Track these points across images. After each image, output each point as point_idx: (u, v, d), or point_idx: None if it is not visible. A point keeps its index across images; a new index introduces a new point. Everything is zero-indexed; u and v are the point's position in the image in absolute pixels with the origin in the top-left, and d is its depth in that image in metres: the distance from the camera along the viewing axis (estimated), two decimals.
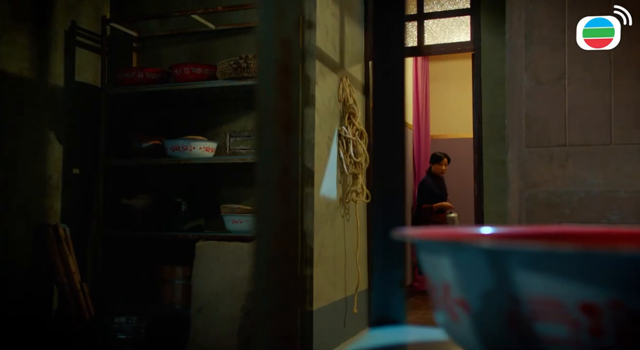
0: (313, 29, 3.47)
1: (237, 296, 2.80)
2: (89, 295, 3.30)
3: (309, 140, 3.44)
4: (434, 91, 6.77)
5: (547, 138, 1.90)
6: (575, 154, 1.80)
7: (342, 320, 3.85)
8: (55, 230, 3.26)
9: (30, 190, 3.23)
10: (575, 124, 1.80)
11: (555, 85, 1.85)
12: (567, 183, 1.82)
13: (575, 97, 1.82)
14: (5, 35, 3.06)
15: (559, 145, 1.85)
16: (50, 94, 3.37)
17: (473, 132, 4.31)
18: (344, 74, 3.97)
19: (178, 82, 3.39)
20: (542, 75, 1.89)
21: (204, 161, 3.35)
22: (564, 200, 1.83)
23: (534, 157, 1.90)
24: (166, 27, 3.80)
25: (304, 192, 3.42)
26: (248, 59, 3.16)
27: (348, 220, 4.01)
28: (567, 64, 1.86)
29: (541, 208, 1.90)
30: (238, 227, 3.20)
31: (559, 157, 1.85)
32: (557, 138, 1.86)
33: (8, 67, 3.08)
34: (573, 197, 1.80)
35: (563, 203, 1.83)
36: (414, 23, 4.40)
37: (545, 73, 1.87)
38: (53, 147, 3.38)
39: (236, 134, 3.60)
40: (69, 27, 3.51)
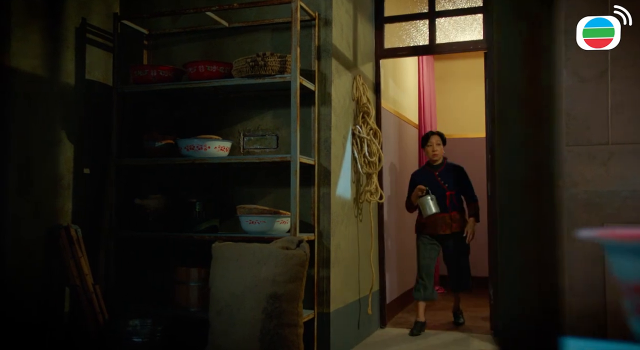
0: (329, 26, 3.43)
1: (258, 298, 2.74)
2: (102, 298, 3.23)
3: (326, 139, 3.40)
4: (440, 91, 6.73)
5: (588, 136, 1.86)
6: (619, 152, 1.76)
7: (356, 322, 3.81)
8: (67, 232, 3.19)
9: (42, 190, 3.15)
10: (619, 122, 1.76)
11: (597, 83, 1.81)
12: (610, 182, 1.78)
13: (619, 94, 1.78)
14: (18, 32, 2.99)
15: (600, 144, 1.81)
16: (61, 92, 3.30)
17: (486, 132, 4.28)
18: (357, 73, 3.92)
19: (193, 80, 3.33)
20: (582, 72, 1.85)
21: (219, 161, 3.29)
22: (606, 200, 1.79)
23: (573, 156, 1.86)
24: (178, 25, 3.74)
25: (320, 192, 3.37)
26: (265, 56, 3.10)
27: (361, 221, 3.96)
28: (610, 60, 1.83)
29: (581, 208, 1.86)
30: (255, 227, 3.15)
31: (601, 156, 1.81)
32: (599, 136, 1.82)
33: (20, 64, 3.01)
34: (617, 196, 1.76)
35: (606, 203, 1.79)
36: (425, 21, 4.36)
37: (587, 70, 1.83)
38: (64, 147, 3.31)
39: (250, 133, 3.54)
40: (80, 24, 3.44)
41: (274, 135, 3.47)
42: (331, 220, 3.35)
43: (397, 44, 4.54)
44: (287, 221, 3.20)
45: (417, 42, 4.55)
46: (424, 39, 4.42)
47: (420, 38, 4.53)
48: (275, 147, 3.47)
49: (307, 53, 3.40)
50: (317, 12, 3.43)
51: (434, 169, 4.35)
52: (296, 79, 3.11)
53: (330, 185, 3.38)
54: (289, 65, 3.17)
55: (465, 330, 4.35)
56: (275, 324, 2.72)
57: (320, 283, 3.32)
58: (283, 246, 2.88)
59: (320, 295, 3.31)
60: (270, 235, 3.13)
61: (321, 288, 3.32)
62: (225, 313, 2.76)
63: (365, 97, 3.89)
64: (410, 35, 4.58)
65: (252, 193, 3.51)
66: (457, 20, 4.60)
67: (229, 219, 3.49)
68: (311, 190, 3.35)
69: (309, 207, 3.34)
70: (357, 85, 3.86)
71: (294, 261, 2.82)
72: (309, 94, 3.33)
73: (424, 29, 4.44)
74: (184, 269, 3.29)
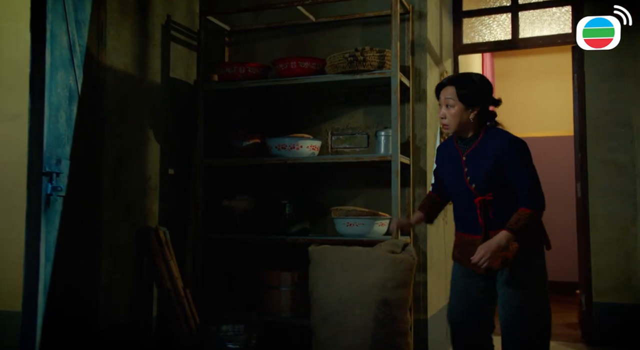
0: (424, 19, 3.28)
1: (367, 305, 2.60)
2: (192, 302, 3.13)
3: (421, 138, 3.25)
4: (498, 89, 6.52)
5: None
6: None
7: (444, 329, 3.64)
8: (157, 234, 3.09)
9: (132, 192, 3.07)
10: None
11: None
12: None
13: None
14: (112, 30, 2.90)
15: None
16: (149, 90, 3.21)
17: (574, 130, 4.08)
18: (443, 69, 3.77)
19: (282, 77, 3.21)
20: None
21: (310, 160, 3.17)
22: None
23: None
24: (260, 21, 3.63)
25: (415, 193, 3.22)
26: (365, 51, 2.97)
27: (447, 223, 3.80)
28: None
29: None
30: (352, 230, 3.01)
31: None
32: None
33: (114, 62, 2.93)
34: None
35: None
36: (508, 15, 4.18)
37: None
38: (151, 147, 3.22)
39: (338, 132, 3.40)
40: (165, 21, 3.35)
41: (365, 134, 3.33)
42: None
43: (476, 38, 4.36)
44: (385, 223, 3.06)
45: (495, 37, 4.36)
46: (505, 33, 4.23)
47: (501, 32, 4.33)
48: (366, 146, 3.33)
49: (400, 48, 3.26)
50: (412, 5, 3.28)
51: (462, 144, 2.26)
52: (396, 75, 2.96)
53: (426, 186, 3.22)
54: (388, 60, 3.03)
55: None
56: (386, 332, 2.58)
57: (417, 288, 3.17)
58: (389, 250, 2.73)
59: (417, 301, 3.16)
60: (368, 238, 2.99)
61: (418, 293, 3.17)
62: (331, 320, 2.62)
63: None
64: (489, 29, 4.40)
65: (342, 194, 3.37)
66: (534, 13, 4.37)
67: (318, 221, 3.36)
68: (406, 191, 3.20)
69: (404, 208, 3.19)
70: None
71: (402, 266, 2.68)
72: (403, 90, 3.19)
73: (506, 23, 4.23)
74: (275, 273, 3.16)
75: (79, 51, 2.51)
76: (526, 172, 2.08)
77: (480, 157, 2.15)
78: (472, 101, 2.16)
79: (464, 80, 2.22)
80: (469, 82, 2.19)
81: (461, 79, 2.23)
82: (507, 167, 2.09)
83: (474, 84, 2.19)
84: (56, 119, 2.27)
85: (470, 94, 2.16)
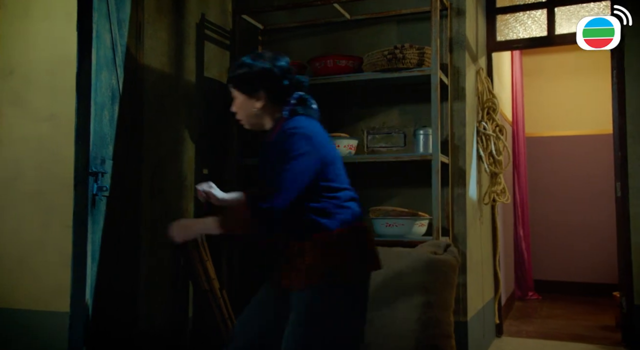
0: (462, 16, 3.21)
1: (409, 306, 2.56)
2: (229, 303, 3.11)
3: (460, 137, 3.19)
4: (527, 87, 6.41)
5: None
6: None
7: (482, 331, 3.58)
8: None
9: (170, 192, 3.05)
10: None
11: None
12: None
13: None
14: (149, 29, 2.89)
15: None
16: (184, 90, 3.19)
17: (613, 128, 3.98)
18: (478, 66, 3.70)
19: (319, 75, 3.17)
20: None
21: (349, 160, 3.11)
22: None
23: None
24: (294, 19, 3.59)
25: (454, 193, 3.17)
26: (404, 49, 2.92)
27: (482, 223, 3.73)
28: None
29: None
30: (392, 231, 2.96)
31: None
32: None
33: (152, 62, 2.91)
34: None
35: None
36: (543, 11, 4.09)
37: None
38: (187, 146, 3.20)
39: (374, 131, 3.35)
40: (199, 19, 3.33)
41: (402, 133, 3.27)
42: (467, 223, 3.14)
43: (510, 35, 4.28)
44: (424, 224, 3.00)
45: (530, 34, 4.27)
46: (541, 30, 4.14)
47: (535, 28, 4.25)
48: (403, 145, 3.27)
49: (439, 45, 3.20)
50: (450, 2, 3.22)
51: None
52: (437, 73, 2.91)
53: (465, 186, 3.16)
54: (427, 57, 2.97)
55: (587, 340, 4.06)
56: (430, 335, 2.52)
57: (456, 290, 3.11)
58: (431, 251, 2.68)
59: (456, 303, 3.10)
60: (408, 238, 2.94)
61: (457, 295, 3.11)
62: (376, 323, 2.58)
63: (487, 91, 3.66)
64: (524, 26, 4.32)
65: (378, 194, 3.32)
66: (570, 8, 4.28)
67: None
68: (444, 191, 3.14)
69: (443, 209, 3.13)
70: (481, 79, 3.64)
71: (445, 267, 2.63)
72: (442, 88, 3.13)
73: (541, 19, 4.14)
74: None
75: (120, 51, 2.50)
76: (289, 158, 1.72)
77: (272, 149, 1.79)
78: (251, 86, 1.77)
79: (236, 64, 1.85)
80: (240, 64, 1.81)
81: (236, 77, 1.83)
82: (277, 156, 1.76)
83: (247, 65, 1.78)
84: (100, 118, 2.26)
85: (244, 77, 1.77)
